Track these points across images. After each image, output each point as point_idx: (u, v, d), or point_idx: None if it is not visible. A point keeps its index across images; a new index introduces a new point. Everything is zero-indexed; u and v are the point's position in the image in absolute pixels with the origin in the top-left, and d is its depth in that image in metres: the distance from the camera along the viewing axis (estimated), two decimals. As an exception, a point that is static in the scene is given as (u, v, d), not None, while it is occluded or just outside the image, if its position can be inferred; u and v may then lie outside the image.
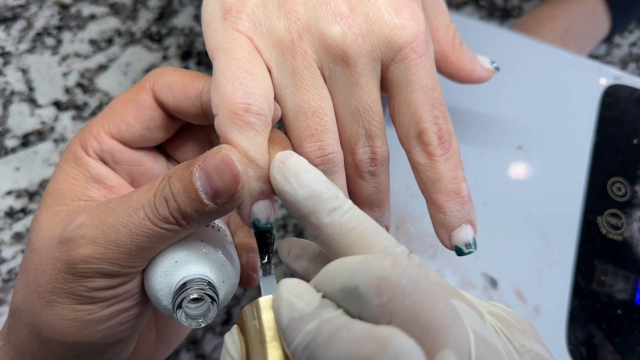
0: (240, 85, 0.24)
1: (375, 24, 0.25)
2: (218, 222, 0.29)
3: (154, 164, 0.29)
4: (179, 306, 0.24)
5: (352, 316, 0.19)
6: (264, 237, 0.25)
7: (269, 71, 0.26)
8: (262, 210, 0.24)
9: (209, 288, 0.25)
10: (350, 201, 0.22)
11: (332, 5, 0.25)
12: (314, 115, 0.25)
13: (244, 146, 0.23)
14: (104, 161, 0.28)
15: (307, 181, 0.22)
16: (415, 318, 0.18)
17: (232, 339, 0.22)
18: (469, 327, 0.19)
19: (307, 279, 0.25)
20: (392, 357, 0.17)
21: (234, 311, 0.46)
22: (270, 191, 0.24)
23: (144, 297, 0.27)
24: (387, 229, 0.29)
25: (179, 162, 0.30)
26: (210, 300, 0.24)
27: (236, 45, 0.25)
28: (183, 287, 0.24)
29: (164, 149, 0.30)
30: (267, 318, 0.21)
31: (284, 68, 0.25)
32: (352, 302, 0.19)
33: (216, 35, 0.26)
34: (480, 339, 0.19)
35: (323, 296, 0.20)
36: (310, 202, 0.22)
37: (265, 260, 0.25)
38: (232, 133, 0.23)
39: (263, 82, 0.24)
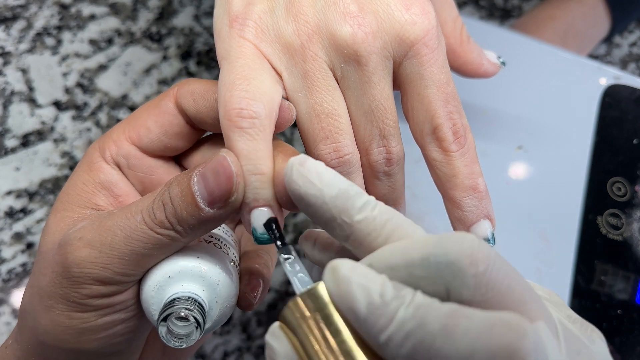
0: (236, 91, 0.23)
1: (386, 21, 0.25)
2: (222, 238, 0.28)
3: (167, 176, 0.29)
4: (164, 320, 0.23)
5: (434, 295, 0.18)
6: (271, 224, 0.23)
7: (280, 76, 0.26)
8: (259, 218, 0.23)
9: (197, 309, 0.24)
10: (371, 195, 0.22)
11: (341, 6, 0.25)
12: (327, 117, 0.25)
13: (238, 150, 0.23)
14: (118, 166, 0.28)
15: (332, 180, 0.21)
16: (510, 290, 0.18)
17: (279, 342, 0.19)
18: None
19: None
20: (533, 341, 0.17)
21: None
22: (269, 198, 0.23)
23: (141, 311, 0.26)
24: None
25: None
26: (196, 323, 0.23)
27: (240, 52, 0.25)
28: (171, 303, 0.24)
29: (182, 164, 0.30)
30: (329, 308, 0.19)
31: (294, 72, 0.25)
32: (438, 274, 0.18)
33: (224, 44, 0.26)
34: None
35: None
36: (340, 200, 0.21)
37: (281, 244, 0.23)
38: (228, 138, 0.23)
39: (261, 87, 0.24)
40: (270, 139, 0.24)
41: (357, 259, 0.21)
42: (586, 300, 0.37)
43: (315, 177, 0.21)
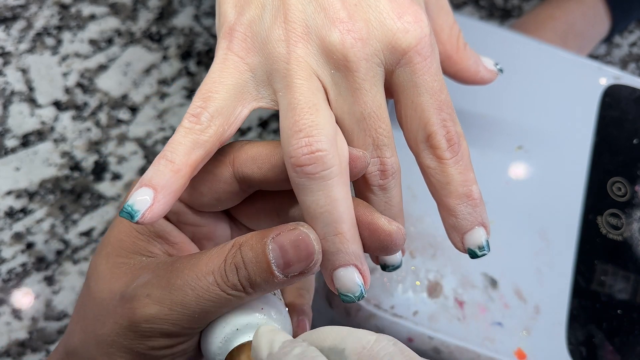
0: (196, 99, 0.25)
1: (377, 29, 0.25)
2: None
3: (216, 225, 0.29)
4: None
5: None
6: None
7: (270, 85, 0.26)
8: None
9: None
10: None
11: (331, 12, 0.25)
12: (303, 110, 0.24)
13: (177, 131, 0.25)
14: (167, 218, 0.28)
15: None
16: None
17: None
18: None
19: None
20: None
21: None
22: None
23: (198, 355, 0.27)
24: (402, 252, 0.28)
25: (241, 223, 0.30)
26: None
27: (220, 66, 0.25)
28: None
29: (229, 212, 0.30)
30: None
31: (278, 75, 0.25)
32: None
33: (216, 53, 0.26)
34: None
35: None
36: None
37: None
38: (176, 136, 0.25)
39: (219, 103, 0.25)
40: (204, 145, 0.24)
41: None
42: (586, 300, 0.37)
43: None
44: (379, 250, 0.25)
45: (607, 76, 0.44)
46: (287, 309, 0.28)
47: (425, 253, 0.37)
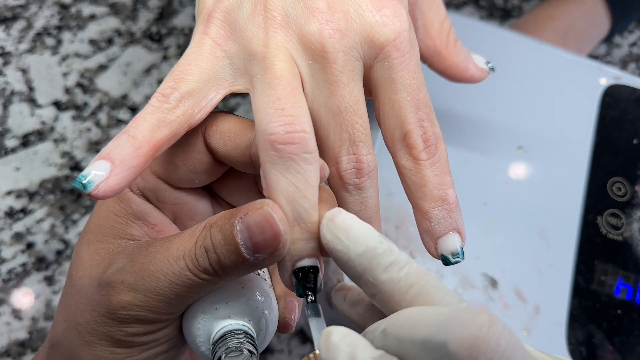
0: (168, 79, 0.24)
1: (356, 21, 0.24)
2: None
3: (197, 203, 0.28)
4: (219, 358, 0.24)
5: None
6: (307, 275, 0.23)
7: (246, 73, 0.25)
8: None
9: (248, 341, 0.24)
10: (404, 254, 0.21)
11: (310, 2, 0.24)
12: (285, 89, 0.23)
13: (143, 112, 0.24)
14: (147, 199, 0.27)
15: (359, 237, 0.21)
16: None
17: None
18: None
19: (363, 327, 0.24)
20: None
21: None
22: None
23: (181, 340, 0.26)
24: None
25: (223, 200, 0.29)
26: (249, 353, 0.23)
27: (195, 49, 0.25)
28: (222, 338, 0.24)
29: (208, 186, 0.29)
30: None
31: (255, 59, 0.24)
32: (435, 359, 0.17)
33: (191, 40, 0.26)
34: None
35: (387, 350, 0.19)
36: (365, 259, 0.21)
37: (312, 298, 0.23)
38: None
39: (191, 85, 0.24)
40: (170, 125, 0.24)
41: (385, 316, 0.21)
42: (586, 300, 0.37)
43: (342, 234, 0.21)
44: None
45: (607, 76, 0.44)
46: (271, 287, 0.27)
47: (426, 253, 0.37)
